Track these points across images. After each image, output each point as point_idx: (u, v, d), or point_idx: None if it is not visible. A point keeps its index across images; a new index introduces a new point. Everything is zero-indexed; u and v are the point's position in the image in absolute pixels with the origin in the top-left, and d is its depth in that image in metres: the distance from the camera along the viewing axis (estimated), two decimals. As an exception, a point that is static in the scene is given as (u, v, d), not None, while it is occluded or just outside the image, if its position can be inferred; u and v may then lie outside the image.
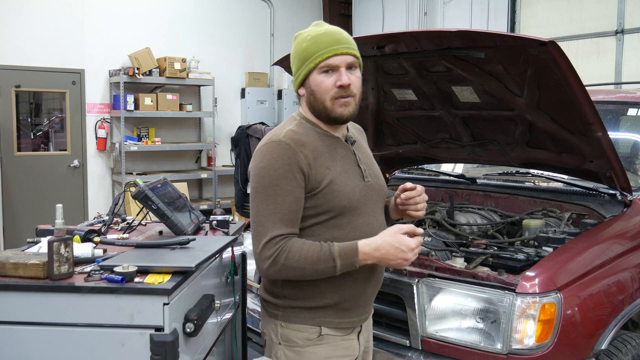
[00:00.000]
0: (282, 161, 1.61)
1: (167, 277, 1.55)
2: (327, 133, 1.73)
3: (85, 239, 1.89)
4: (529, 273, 2.07)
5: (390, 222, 1.91)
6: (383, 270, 1.86)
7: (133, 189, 2.06)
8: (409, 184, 1.79)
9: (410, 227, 1.62)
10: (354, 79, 1.67)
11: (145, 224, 2.35)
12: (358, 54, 1.69)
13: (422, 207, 1.81)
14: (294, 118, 1.75)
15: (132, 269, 1.53)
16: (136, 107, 6.91)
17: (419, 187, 1.80)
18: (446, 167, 3.57)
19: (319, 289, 1.69)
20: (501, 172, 3.30)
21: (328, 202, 1.65)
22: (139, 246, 1.85)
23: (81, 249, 1.73)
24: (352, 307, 1.74)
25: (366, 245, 1.60)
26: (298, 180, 1.62)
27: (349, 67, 1.66)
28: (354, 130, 1.90)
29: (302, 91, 1.72)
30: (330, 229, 1.66)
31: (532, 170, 3.04)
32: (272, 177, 1.61)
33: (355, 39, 2.57)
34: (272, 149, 1.64)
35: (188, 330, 1.57)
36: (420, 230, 1.63)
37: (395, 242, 1.59)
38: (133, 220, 2.27)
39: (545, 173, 2.97)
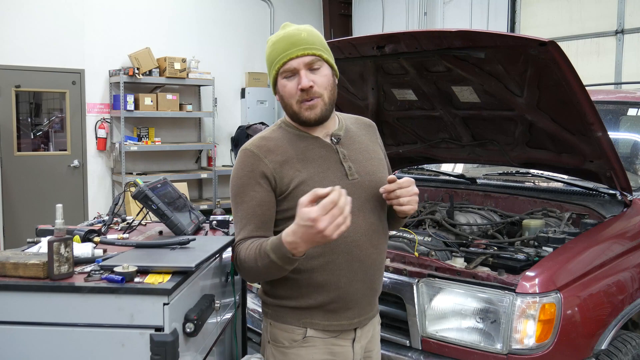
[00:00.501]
0: (246, 169, 1.67)
1: (167, 277, 1.55)
2: (305, 134, 1.71)
3: (85, 239, 1.89)
4: (529, 273, 2.07)
5: (397, 220, 1.85)
6: (377, 273, 1.76)
7: (133, 189, 2.06)
8: (390, 177, 1.68)
9: (311, 193, 1.41)
10: (318, 78, 1.62)
11: (145, 224, 2.35)
12: (319, 52, 1.64)
13: (406, 202, 1.64)
14: (276, 122, 1.80)
15: (132, 269, 1.53)
16: (136, 107, 6.91)
17: (402, 180, 1.65)
18: (446, 167, 3.57)
19: (302, 290, 1.67)
20: (501, 172, 3.30)
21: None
22: (139, 246, 1.85)
23: (81, 249, 1.73)
24: (340, 309, 1.68)
25: (287, 235, 1.47)
26: (262, 185, 1.65)
27: (311, 67, 1.62)
28: (355, 125, 1.84)
29: (277, 96, 1.73)
30: None
31: (532, 170, 3.05)
32: (238, 185, 1.68)
33: (355, 39, 2.61)
34: (239, 158, 1.72)
35: (188, 330, 1.57)
36: (322, 190, 1.39)
37: (300, 221, 1.41)
38: (133, 220, 2.27)
39: (545, 173, 2.97)
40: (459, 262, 2.30)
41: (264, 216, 1.66)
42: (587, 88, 2.20)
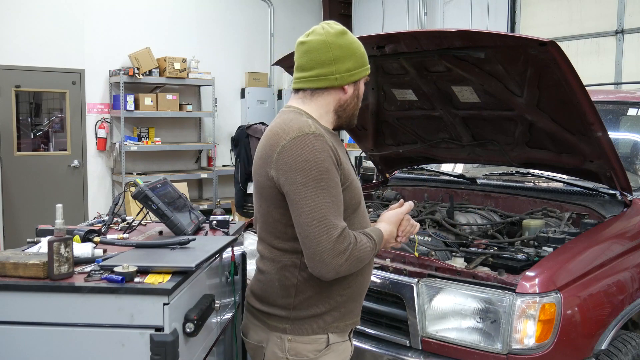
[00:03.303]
0: (324, 153, 1.53)
1: (167, 277, 1.55)
2: (332, 131, 1.72)
3: (85, 239, 1.89)
4: (529, 273, 2.07)
5: None
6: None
7: (133, 189, 2.07)
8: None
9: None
10: None
11: (145, 224, 2.35)
12: None
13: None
14: (299, 113, 1.64)
15: (132, 269, 1.53)
16: (136, 107, 6.91)
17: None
18: (446, 167, 3.57)
19: (332, 289, 1.65)
20: (501, 172, 3.30)
21: (349, 199, 1.62)
22: (139, 246, 1.85)
23: (81, 249, 1.73)
24: (354, 308, 1.73)
25: (385, 232, 1.70)
26: (338, 173, 1.57)
27: None
28: None
29: (349, 89, 1.69)
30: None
31: (532, 170, 3.05)
32: (320, 169, 1.52)
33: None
34: (311, 141, 1.53)
35: (188, 330, 1.57)
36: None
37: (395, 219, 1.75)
38: (133, 220, 2.27)
39: (545, 173, 2.97)
40: (459, 262, 2.30)
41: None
42: (587, 88, 2.20)
